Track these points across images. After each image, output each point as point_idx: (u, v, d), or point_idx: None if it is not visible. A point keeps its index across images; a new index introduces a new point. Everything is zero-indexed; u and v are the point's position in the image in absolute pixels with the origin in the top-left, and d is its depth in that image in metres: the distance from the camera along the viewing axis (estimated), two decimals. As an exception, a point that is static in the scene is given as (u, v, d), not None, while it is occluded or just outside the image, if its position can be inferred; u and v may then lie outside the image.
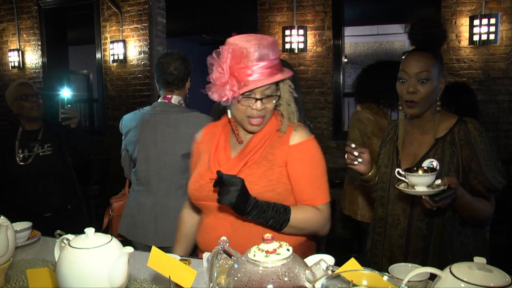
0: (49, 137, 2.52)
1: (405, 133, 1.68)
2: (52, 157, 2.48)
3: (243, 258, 0.90)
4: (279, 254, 0.87)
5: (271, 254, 0.87)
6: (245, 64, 1.30)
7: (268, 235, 0.92)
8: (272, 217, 1.33)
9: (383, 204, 1.68)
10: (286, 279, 0.82)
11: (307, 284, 0.82)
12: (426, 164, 1.54)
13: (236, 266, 0.90)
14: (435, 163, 1.53)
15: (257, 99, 1.36)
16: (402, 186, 1.42)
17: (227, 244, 1.14)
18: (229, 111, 1.46)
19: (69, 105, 2.45)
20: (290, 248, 0.90)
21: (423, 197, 1.36)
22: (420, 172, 1.39)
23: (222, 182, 1.27)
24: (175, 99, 2.21)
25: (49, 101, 2.66)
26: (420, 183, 1.35)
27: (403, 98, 1.57)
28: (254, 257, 0.87)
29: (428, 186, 1.35)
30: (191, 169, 1.63)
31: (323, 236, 1.59)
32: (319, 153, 1.49)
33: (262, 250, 0.88)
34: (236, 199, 1.26)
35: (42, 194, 2.44)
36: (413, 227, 1.58)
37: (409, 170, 1.40)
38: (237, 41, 1.34)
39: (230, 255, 1.09)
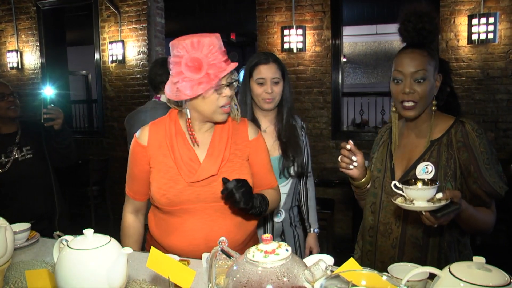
0: (28, 139, 2.33)
1: (400, 136, 1.59)
2: (32, 161, 2.31)
3: (242, 259, 0.90)
4: (278, 254, 0.87)
5: (270, 254, 0.87)
6: (216, 51, 1.37)
7: (267, 236, 0.92)
8: (260, 206, 1.46)
9: (374, 211, 1.57)
10: (285, 279, 0.82)
11: (306, 284, 0.82)
12: (420, 168, 1.45)
13: (235, 267, 0.90)
14: (430, 167, 1.44)
15: (227, 85, 1.42)
16: (399, 201, 1.29)
17: (226, 244, 1.14)
18: (187, 111, 1.46)
19: (52, 105, 2.21)
20: (289, 249, 0.90)
21: (423, 212, 1.24)
22: (419, 184, 1.26)
23: (230, 187, 1.36)
24: (163, 97, 2.58)
25: (30, 101, 2.42)
26: (419, 197, 1.23)
27: (398, 99, 1.47)
28: (253, 257, 0.87)
29: (428, 201, 1.23)
30: (134, 173, 1.57)
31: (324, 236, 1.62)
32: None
33: (261, 251, 0.88)
34: (254, 200, 1.42)
35: (24, 201, 2.27)
36: (407, 236, 1.47)
37: (407, 182, 1.27)
38: (190, 36, 1.39)
39: (229, 256, 1.09)
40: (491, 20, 4.29)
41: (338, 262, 1.10)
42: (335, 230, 4.62)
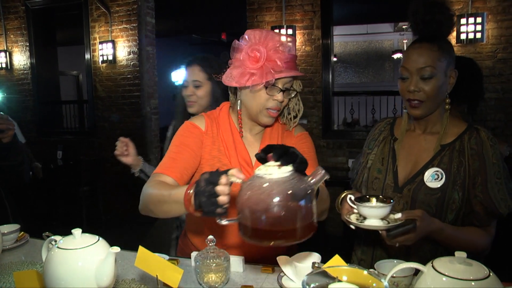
0: None
1: (406, 134, 1.46)
2: None
3: (250, 177, 0.95)
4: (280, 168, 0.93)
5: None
6: (282, 51, 1.30)
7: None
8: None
9: None
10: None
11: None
12: (429, 173, 1.34)
13: (248, 182, 0.93)
14: (440, 174, 1.32)
15: (281, 90, 1.34)
16: (352, 218, 1.23)
17: (214, 244, 1.16)
18: (238, 102, 1.42)
19: (1, 113, 1.83)
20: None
21: (380, 232, 1.18)
22: (374, 201, 1.21)
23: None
24: None
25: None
26: (372, 215, 1.18)
27: (404, 97, 1.37)
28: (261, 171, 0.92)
29: (383, 219, 1.18)
30: (179, 151, 1.40)
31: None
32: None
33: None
34: None
35: None
36: (412, 247, 1.33)
37: (361, 199, 1.22)
38: (268, 31, 1.34)
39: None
40: (478, 20, 4.34)
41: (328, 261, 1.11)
42: (326, 229, 4.64)
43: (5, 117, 1.82)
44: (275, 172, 0.91)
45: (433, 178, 1.34)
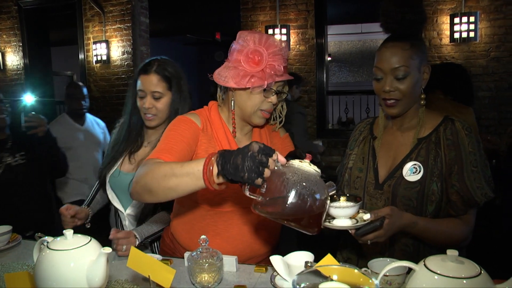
0: (20, 145, 2.25)
1: (384, 132, 1.48)
2: (25, 166, 2.24)
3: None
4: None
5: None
6: (281, 55, 1.35)
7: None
8: None
9: None
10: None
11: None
12: (408, 167, 1.35)
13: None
14: (418, 167, 1.34)
15: (275, 93, 1.39)
16: None
17: (207, 243, 1.15)
18: (232, 102, 1.43)
19: (33, 112, 2.18)
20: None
21: (349, 231, 1.20)
22: (342, 201, 1.23)
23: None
24: None
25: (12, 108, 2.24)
26: (339, 215, 1.19)
27: (380, 96, 1.39)
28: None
29: (352, 218, 1.21)
30: (175, 140, 1.35)
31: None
32: None
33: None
34: None
35: (20, 209, 2.20)
36: (397, 243, 1.36)
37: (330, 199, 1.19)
38: (265, 34, 1.38)
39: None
40: (472, 19, 4.37)
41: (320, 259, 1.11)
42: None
43: (37, 115, 2.20)
44: (306, 165, 1.05)
45: (411, 172, 1.35)
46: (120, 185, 1.77)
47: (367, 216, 1.18)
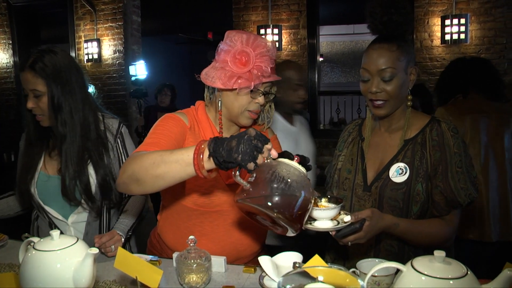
0: None
1: (372, 133, 1.48)
2: None
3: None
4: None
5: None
6: (268, 56, 1.33)
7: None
8: None
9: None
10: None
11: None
12: (394, 169, 1.36)
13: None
14: (404, 168, 1.35)
15: (263, 93, 1.38)
16: None
17: (195, 244, 1.15)
18: (219, 103, 1.41)
19: None
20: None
21: (330, 233, 1.20)
22: (323, 202, 1.25)
23: None
24: None
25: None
26: (319, 216, 1.19)
27: (367, 97, 1.39)
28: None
29: (333, 219, 1.21)
30: (163, 135, 1.34)
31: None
32: None
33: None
34: None
35: None
36: (382, 243, 1.38)
37: None
38: (252, 34, 1.36)
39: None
40: (462, 21, 4.41)
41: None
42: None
43: None
44: (296, 164, 1.06)
45: (397, 173, 1.36)
46: (54, 190, 1.60)
47: (347, 218, 1.18)
